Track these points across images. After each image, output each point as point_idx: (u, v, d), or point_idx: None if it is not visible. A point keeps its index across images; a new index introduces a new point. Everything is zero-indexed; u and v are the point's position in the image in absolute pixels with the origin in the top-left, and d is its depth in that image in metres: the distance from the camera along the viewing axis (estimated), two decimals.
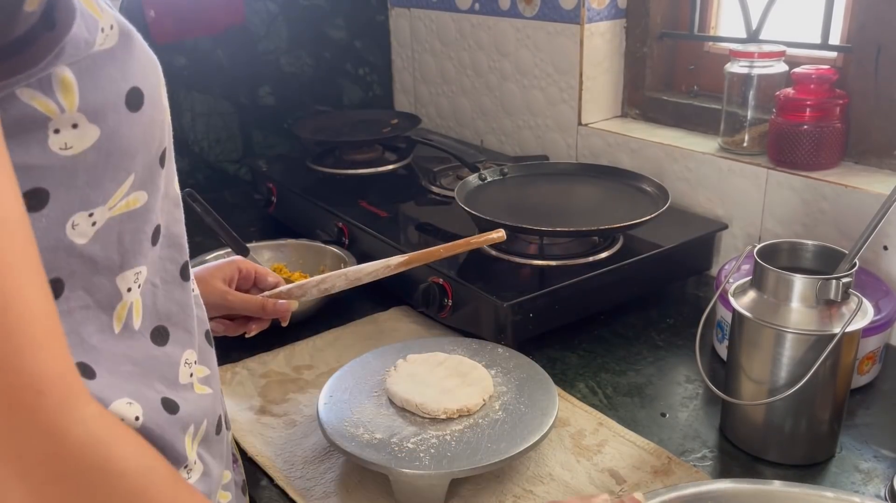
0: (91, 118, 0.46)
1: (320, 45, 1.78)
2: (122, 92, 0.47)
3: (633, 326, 1.11)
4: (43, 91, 0.43)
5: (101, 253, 0.50)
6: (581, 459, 0.84)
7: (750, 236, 1.21)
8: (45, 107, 0.44)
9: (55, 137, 0.45)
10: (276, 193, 1.48)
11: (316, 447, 0.88)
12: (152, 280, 0.55)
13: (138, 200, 0.51)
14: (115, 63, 0.47)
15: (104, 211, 0.49)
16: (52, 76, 0.44)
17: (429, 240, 1.22)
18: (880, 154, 1.13)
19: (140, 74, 0.49)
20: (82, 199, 0.47)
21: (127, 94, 0.48)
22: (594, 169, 1.31)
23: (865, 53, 1.11)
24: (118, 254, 0.51)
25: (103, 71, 0.46)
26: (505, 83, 1.60)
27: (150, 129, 0.50)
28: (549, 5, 1.44)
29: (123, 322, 0.52)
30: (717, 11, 1.38)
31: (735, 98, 1.24)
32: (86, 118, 0.45)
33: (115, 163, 0.48)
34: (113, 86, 0.47)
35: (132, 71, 0.48)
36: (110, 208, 0.49)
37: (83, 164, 0.46)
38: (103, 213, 0.49)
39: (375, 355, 0.96)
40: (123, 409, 0.50)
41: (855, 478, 0.81)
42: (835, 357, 0.78)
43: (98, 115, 0.46)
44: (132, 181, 0.50)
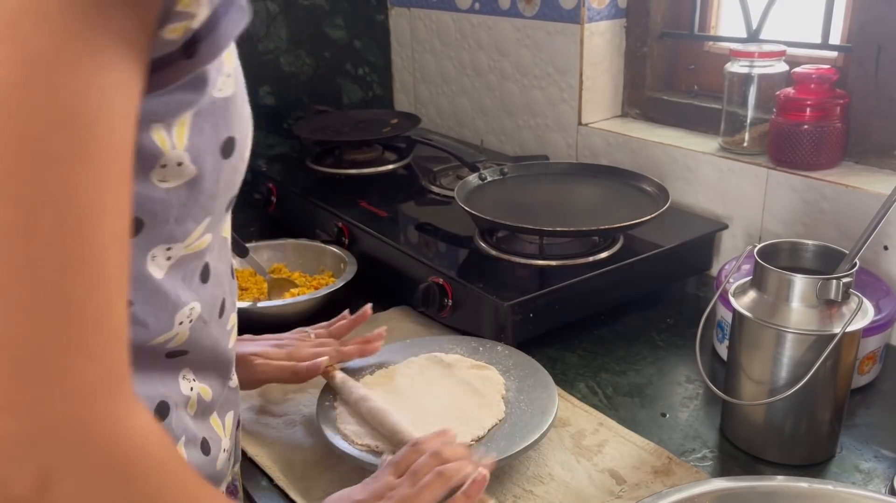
0: (193, 159, 0.47)
1: (320, 44, 1.78)
2: (221, 138, 0.49)
3: (633, 326, 1.11)
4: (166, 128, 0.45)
5: (171, 288, 0.52)
6: (581, 459, 0.84)
7: (750, 236, 1.21)
8: (162, 142, 0.45)
9: (159, 171, 0.46)
10: (276, 193, 1.48)
11: (316, 447, 0.87)
12: (204, 317, 0.56)
13: (205, 241, 0.53)
14: (224, 111, 0.49)
15: (181, 248, 0.51)
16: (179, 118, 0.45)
17: (428, 240, 1.22)
18: (880, 154, 1.13)
19: (238, 125, 0.51)
20: (168, 235, 0.49)
21: (224, 142, 0.50)
22: (594, 169, 1.31)
23: (866, 53, 1.11)
24: (183, 291, 0.53)
25: (213, 116, 0.48)
26: (505, 83, 1.60)
27: (233, 177, 0.53)
28: (549, 5, 1.44)
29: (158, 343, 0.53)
30: (717, 11, 1.38)
31: (735, 98, 1.24)
32: (189, 157, 0.47)
33: (200, 204, 0.50)
34: (216, 132, 0.49)
35: (233, 120, 0.50)
36: (187, 246, 0.51)
37: (176, 201, 0.48)
38: (179, 250, 0.51)
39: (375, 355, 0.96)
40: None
41: (855, 478, 0.81)
42: (835, 357, 0.78)
43: (199, 157, 0.48)
44: (208, 223, 0.52)
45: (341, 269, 1.21)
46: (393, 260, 1.17)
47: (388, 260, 1.19)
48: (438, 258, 1.14)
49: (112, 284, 0.39)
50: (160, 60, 0.42)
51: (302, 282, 1.21)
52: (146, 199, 0.46)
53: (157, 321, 0.52)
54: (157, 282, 0.50)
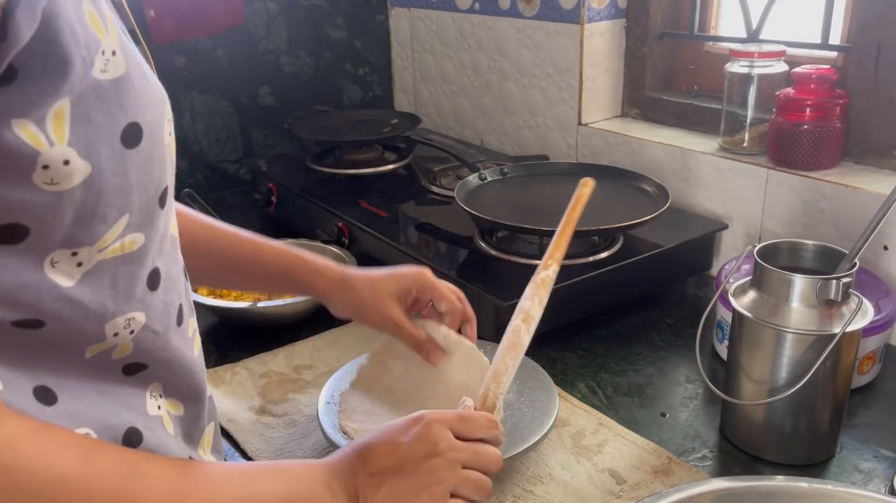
0: (83, 154, 0.43)
1: (320, 45, 1.78)
2: (118, 127, 0.44)
3: (633, 326, 1.11)
4: (36, 123, 0.41)
5: (91, 297, 0.47)
6: (581, 459, 0.84)
7: (750, 236, 1.21)
8: (35, 140, 0.41)
9: (42, 173, 0.42)
10: (276, 193, 1.48)
11: (316, 447, 0.87)
12: (153, 328, 0.52)
13: (135, 243, 0.48)
14: (115, 96, 0.44)
15: (92, 252, 0.46)
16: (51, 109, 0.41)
17: (428, 240, 1.22)
18: (880, 154, 1.13)
19: (141, 109, 0.46)
20: (66, 237, 0.44)
21: (124, 130, 0.45)
22: (594, 169, 1.31)
23: (865, 53, 1.11)
24: (111, 300, 0.48)
25: (101, 103, 0.43)
26: (505, 83, 1.60)
27: (148, 168, 0.47)
28: (549, 5, 1.44)
29: (97, 353, 0.50)
30: (717, 11, 1.38)
31: (735, 98, 1.24)
32: (77, 153, 0.42)
33: (106, 201, 0.45)
34: (110, 120, 0.44)
35: (133, 105, 0.45)
36: (100, 250, 0.46)
37: (70, 202, 0.43)
38: (91, 254, 0.46)
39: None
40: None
41: (855, 478, 0.81)
42: (835, 357, 0.78)
43: (90, 150, 0.43)
44: (127, 222, 0.47)
45: None
46: (393, 260, 1.17)
47: (388, 260, 1.18)
48: (438, 258, 1.14)
49: None
50: None
51: None
52: (29, 204, 0.42)
53: (81, 332, 0.47)
54: (65, 291, 0.45)
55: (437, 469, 0.59)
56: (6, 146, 0.40)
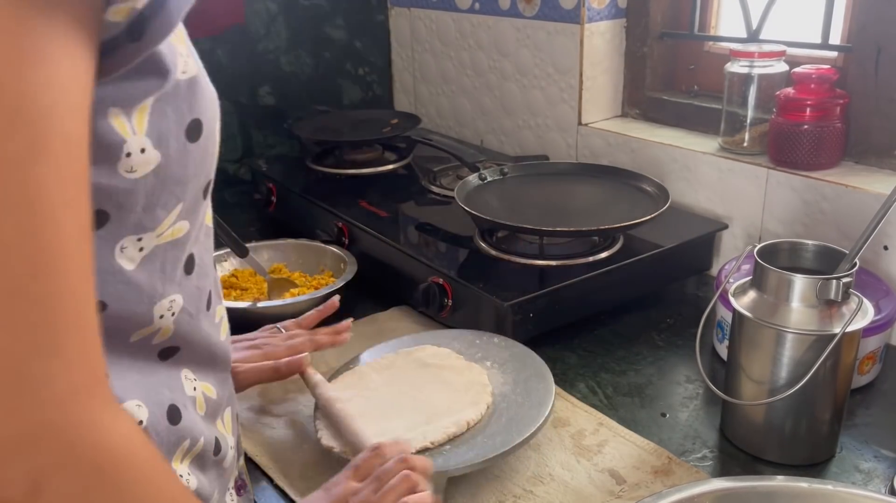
0: (155, 144, 0.46)
1: (320, 44, 1.78)
2: (185, 122, 0.48)
3: (633, 326, 1.11)
4: (126, 114, 0.44)
5: (146, 280, 0.50)
6: (581, 459, 0.84)
7: (750, 236, 1.21)
8: (123, 128, 0.44)
9: (125, 161, 0.45)
10: (276, 193, 1.48)
11: (316, 447, 0.87)
12: (189, 310, 0.55)
13: (181, 230, 0.52)
14: (187, 94, 0.48)
15: (152, 238, 0.49)
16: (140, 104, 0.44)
17: (428, 240, 1.22)
18: (880, 154, 1.13)
19: (203, 106, 0.50)
20: (136, 224, 0.48)
21: (189, 125, 0.48)
22: (594, 169, 1.31)
23: (866, 53, 1.11)
24: (161, 283, 0.51)
25: (176, 100, 0.47)
26: (505, 83, 1.60)
27: (203, 161, 0.51)
28: (549, 5, 1.44)
29: (142, 338, 0.52)
30: (717, 11, 1.38)
31: (735, 98, 1.24)
32: (151, 143, 0.46)
33: (168, 190, 0.48)
34: (179, 115, 0.48)
35: (198, 102, 0.49)
36: (158, 235, 0.49)
37: (143, 189, 0.46)
38: (151, 239, 0.49)
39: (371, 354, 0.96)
40: (133, 410, 0.51)
41: (855, 478, 0.81)
42: (835, 357, 0.78)
43: (161, 141, 0.46)
44: (180, 210, 0.50)
45: (341, 269, 1.21)
46: (393, 260, 1.17)
47: (388, 260, 1.19)
48: (438, 258, 1.14)
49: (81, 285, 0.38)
50: (105, 45, 0.41)
51: (302, 282, 1.21)
52: (113, 190, 0.45)
53: (134, 314, 0.50)
54: (128, 274, 0.49)
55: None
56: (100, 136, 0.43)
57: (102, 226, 0.46)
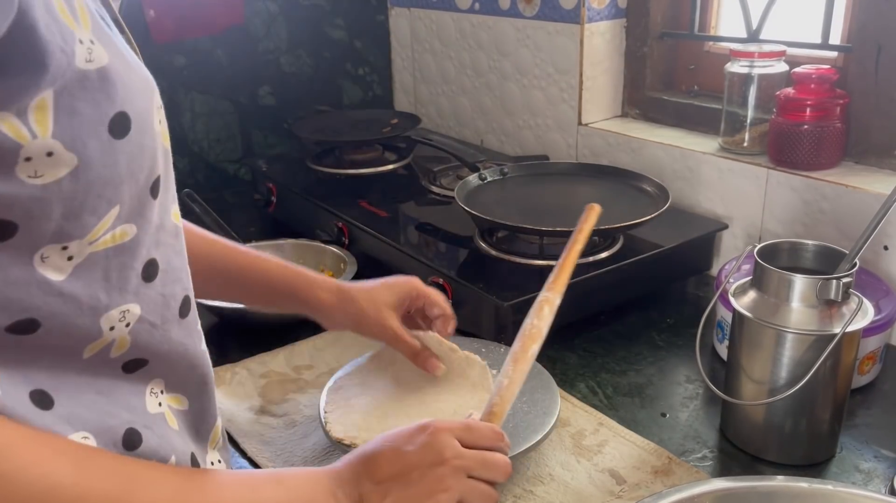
0: (68, 145, 0.42)
1: (320, 45, 1.78)
2: (105, 117, 0.44)
3: (633, 326, 1.11)
4: (17, 115, 0.40)
5: (83, 291, 0.46)
6: (581, 459, 0.84)
7: (750, 236, 1.21)
8: (16, 132, 0.40)
9: (24, 165, 0.41)
10: (276, 193, 1.48)
11: (316, 447, 0.87)
12: (150, 319, 0.51)
13: (126, 234, 0.48)
14: (101, 85, 0.43)
15: (83, 245, 0.45)
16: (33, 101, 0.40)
17: (428, 240, 1.22)
18: (880, 154, 1.13)
19: (128, 98, 0.45)
20: (56, 232, 0.44)
21: (111, 120, 0.44)
22: (594, 169, 1.31)
23: (866, 53, 1.11)
24: (104, 292, 0.48)
25: (86, 93, 0.43)
26: (505, 83, 1.60)
27: (139, 158, 0.47)
28: (549, 5, 1.44)
29: (96, 353, 0.49)
30: (717, 11, 1.38)
31: (735, 98, 1.24)
32: (62, 145, 0.42)
33: (95, 193, 0.44)
34: (95, 110, 0.43)
35: (119, 94, 0.44)
36: (90, 242, 0.46)
37: (57, 195, 0.43)
38: (82, 247, 0.45)
39: None
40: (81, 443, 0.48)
41: (855, 478, 0.81)
42: (835, 357, 0.78)
43: (76, 141, 0.42)
44: (117, 213, 0.46)
45: (341, 269, 1.21)
46: (393, 260, 1.17)
47: (388, 260, 1.18)
48: (438, 258, 1.14)
49: None
50: None
51: None
52: (14, 198, 0.41)
53: (76, 328, 0.47)
54: (57, 285, 0.45)
55: (444, 477, 0.59)
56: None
57: (11, 236, 0.42)
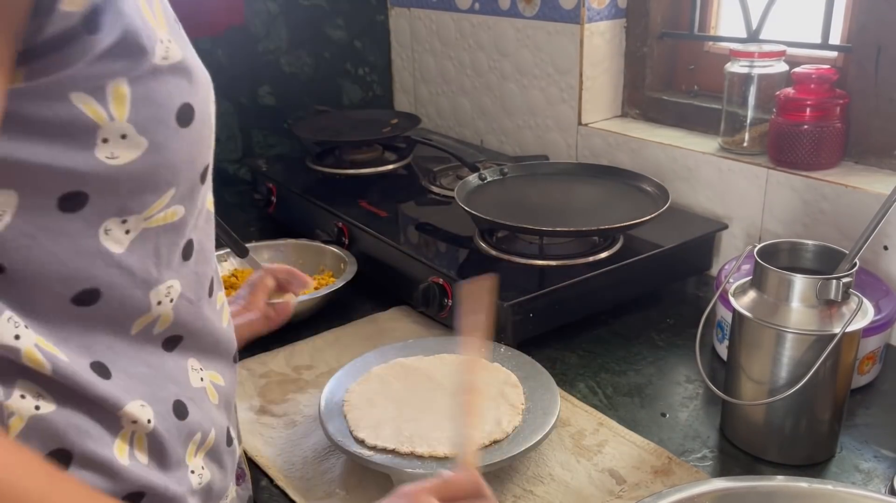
0: (140, 130, 0.46)
1: (320, 45, 1.78)
2: (174, 107, 0.48)
3: (633, 326, 1.11)
4: (96, 98, 0.44)
5: (138, 264, 0.50)
6: (581, 459, 0.84)
7: (750, 236, 1.21)
8: (95, 113, 0.44)
9: (103, 147, 0.45)
10: (276, 193, 1.48)
11: (316, 447, 0.88)
12: (188, 296, 0.55)
13: (176, 214, 0.51)
14: (173, 78, 0.47)
15: (139, 220, 0.49)
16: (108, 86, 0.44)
17: (428, 240, 1.22)
18: (880, 154, 1.13)
19: (194, 91, 0.49)
20: (119, 207, 0.47)
21: (179, 110, 0.48)
22: (594, 169, 1.31)
23: (865, 53, 1.11)
24: (155, 268, 0.51)
25: (160, 85, 0.47)
26: (505, 83, 1.60)
27: (197, 146, 0.51)
28: (549, 5, 1.44)
29: (143, 328, 0.52)
30: (717, 11, 1.38)
31: (735, 98, 1.24)
32: (135, 129, 0.46)
33: (158, 175, 0.48)
34: (167, 100, 0.47)
35: (187, 87, 0.49)
36: (146, 218, 0.49)
37: (126, 175, 0.46)
38: (138, 222, 0.49)
39: (375, 355, 0.96)
40: (137, 411, 0.51)
41: (855, 478, 0.81)
42: (835, 357, 0.78)
43: (148, 127, 0.46)
44: (172, 195, 0.50)
45: (341, 269, 1.21)
46: (393, 260, 1.17)
47: (388, 260, 1.19)
48: (438, 258, 1.14)
49: None
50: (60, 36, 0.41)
51: None
52: (89, 174, 0.45)
53: (130, 300, 0.50)
54: (117, 257, 0.49)
55: None
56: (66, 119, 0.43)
57: (82, 207, 0.46)
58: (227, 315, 0.63)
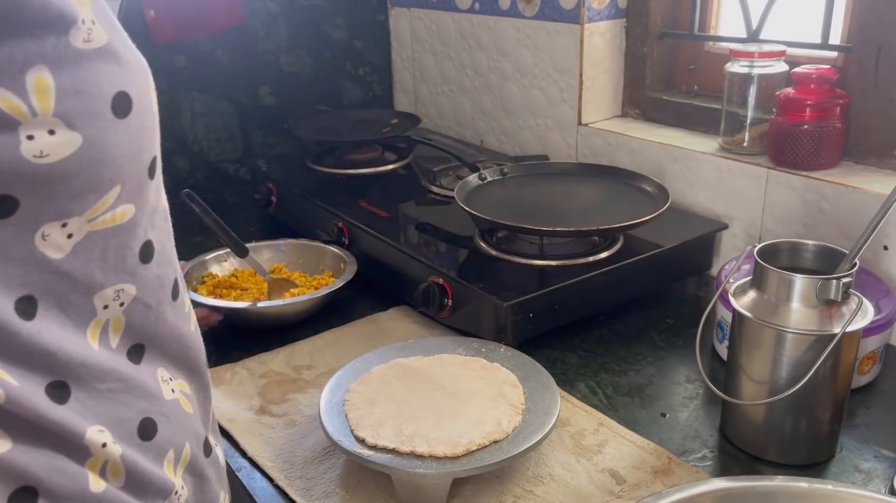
0: (70, 124, 0.42)
1: (320, 45, 1.78)
2: (107, 96, 0.44)
3: (633, 326, 1.11)
4: (14, 91, 0.40)
5: (80, 269, 0.46)
6: (581, 459, 0.84)
7: (750, 236, 1.21)
8: (14, 108, 0.40)
9: (28, 144, 0.41)
10: (276, 193, 1.48)
11: (316, 447, 0.88)
12: (145, 300, 0.51)
13: (126, 214, 0.48)
14: (100, 65, 0.44)
15: (81, 223, 0.45)
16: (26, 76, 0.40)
17: (428, 240, 1.22)
18: (880, 154, 1.13)
19: (129, 78, 0.45)
20: (57, 210, 0.44)
21: (113, 99, 0.44)
22: (594, 169, 1.31)
23: (865, 53, 1.11)
24: (101, 272, 0.48)
25: (87, 73, 0.43)
26: (505, 83, 1.60)
27: (139, 138, 0.47)
28: (549, 5, 1.44)
29: (98, 339, 0.49)
30: (717, 11, 1.38)
31: (735, 98, 1.24)
32: (63, 124, 0.42)
33: (97, 173, 0.44)
34: (97, 89, 0.43)
35: (119, 74, 0.45)
36: (89, 220, 0.46)
37: (60, 174, 0.43)
38: (80, 224, 0.45)
39: (376, 355, 0.96)
40: (95, 437, 0.48)
41: (855, 478, 0.81)
42: (835, 357, 0.78)
43: (79, 120, 0.42)
44: (118, 193, 0.46)
45: (341, 269, 1.21)
46: (393, 260, 1.18)
47: (388, 260, 1.19)
48: (438, 258, 1.14)
49: None
50: None
51: (302, 282, 1.21)
52: (17, 175, 0.41)
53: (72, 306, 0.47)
54: (55, 263, 0.45)
55: None
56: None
57: (12, 213, 0.42)
58: (193, 319, 0.59)
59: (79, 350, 0.47)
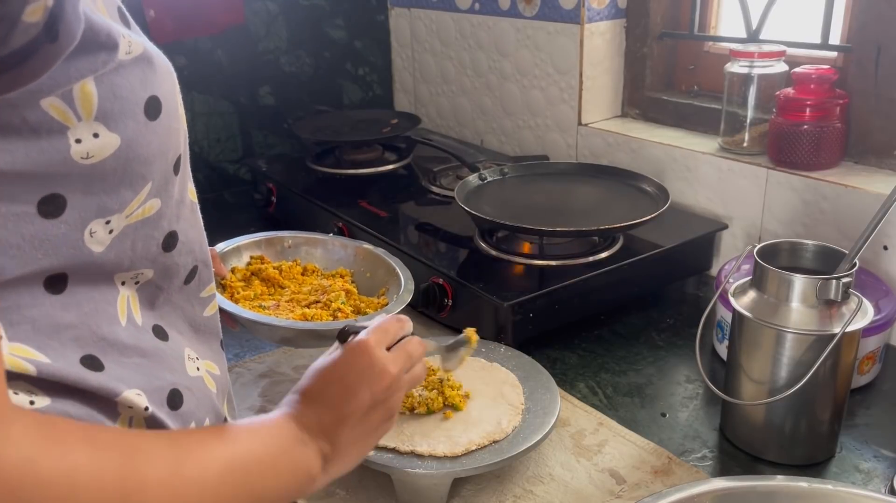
0: (110, 127, 0.46)
1: (320, 45, 1.78)
2: (140, 100, 0.48)
3: (633, 326, 1.11)
4: (63, 99, 0.44)
5: (113, 259, 0.50)
6: (581, 459, 0.84)
7: (750, 236, 1.21)
8: (62, 115, 0.44)
9: (77, 147, 0.45)
10: (276, 193, 1.48)
11: None
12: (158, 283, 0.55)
13: (153, 208, 0.52)
14: (136, 72, 0.47)
15: (121, 218, 0.49)
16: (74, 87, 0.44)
17: (428, 240, 1.22)
18: (880, 154, 1.13)
19: (158, 83, 0.49)
20: (99, 207, 0.48)
21: (146, 103, 0.48)
22: (594, 169, 1.31)
23: (865, 53, 1.11)
24: (128, 260, 0.52)
25: (124, 80, 0.47)
26: (505, 83, 1.60)
27: (167, 138, 0.51)
28: (549, 5, 1.44)
29: (126, 315, 0.53)
30: (717, 11, 1.38)
31: (735, 98, 1.24)
32: (105, 127, 0.46)
33: (132, 171, 0.48)
34: (132, 95, 0.47)
35: (151, 79, 0.49)
36: (127, 216, 0.50)
37: (100, 173, 0.47)
38: (120, 220, 0.49)
39: None
40: (134, 399, 0.51)
41: (855, 478, 0.81)
42: (835, 357, 0.78)
43: (117, 123, 0.46)
44: (149, 189, 0.50)
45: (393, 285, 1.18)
46: None
47: None
48: (438, 258, 1.14)
49: None
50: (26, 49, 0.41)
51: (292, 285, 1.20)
52: (65, 176, 0.45)
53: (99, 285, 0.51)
54: (95, 256, 0.49)
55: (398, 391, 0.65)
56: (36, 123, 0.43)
57: (62, 211, 0.46)
58: (213, 307, 0.63)
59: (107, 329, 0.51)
